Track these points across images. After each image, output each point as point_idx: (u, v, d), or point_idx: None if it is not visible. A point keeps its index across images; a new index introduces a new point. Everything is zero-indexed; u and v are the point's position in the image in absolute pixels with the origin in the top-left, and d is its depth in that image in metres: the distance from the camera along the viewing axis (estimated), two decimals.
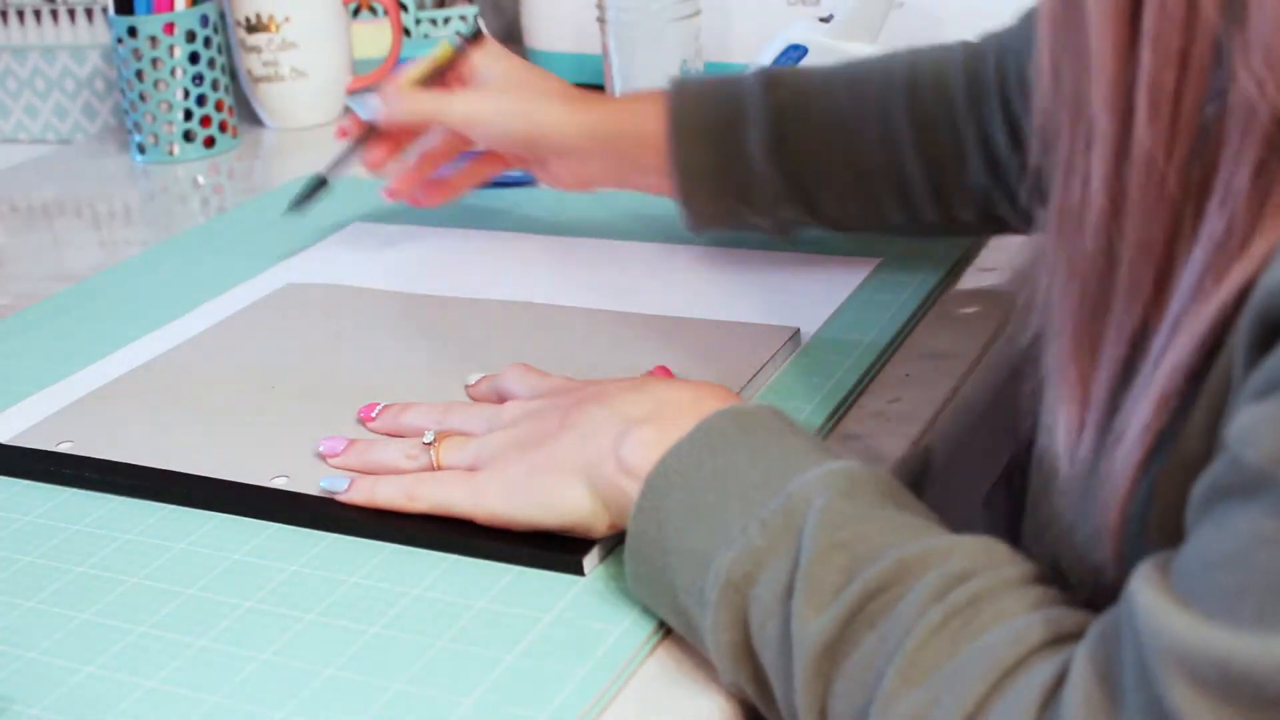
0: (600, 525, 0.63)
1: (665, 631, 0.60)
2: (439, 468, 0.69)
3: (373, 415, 0.76)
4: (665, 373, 0.76)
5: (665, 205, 0.91)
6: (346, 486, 0.69)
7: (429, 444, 0.69)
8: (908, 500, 0.57)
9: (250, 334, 0.90)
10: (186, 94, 1.27)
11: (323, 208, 1.04)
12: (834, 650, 0.51)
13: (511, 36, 1.52)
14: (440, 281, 0.96)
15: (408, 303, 0.92)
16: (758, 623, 0.54)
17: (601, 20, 1.18)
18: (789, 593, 0.53)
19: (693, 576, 0.57)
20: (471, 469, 0.67)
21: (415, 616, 0.61)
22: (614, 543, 0.64)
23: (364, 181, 1.11)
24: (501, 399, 0.74)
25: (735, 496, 0.57)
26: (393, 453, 0.71)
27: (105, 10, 1.29)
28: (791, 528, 0.55)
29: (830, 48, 1.08)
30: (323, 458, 0.72)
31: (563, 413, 0.66)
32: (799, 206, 0.86)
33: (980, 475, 0.86)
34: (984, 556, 0.52)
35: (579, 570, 0.63)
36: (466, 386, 0.78)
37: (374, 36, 1.41)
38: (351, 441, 0.73)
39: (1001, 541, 0.53)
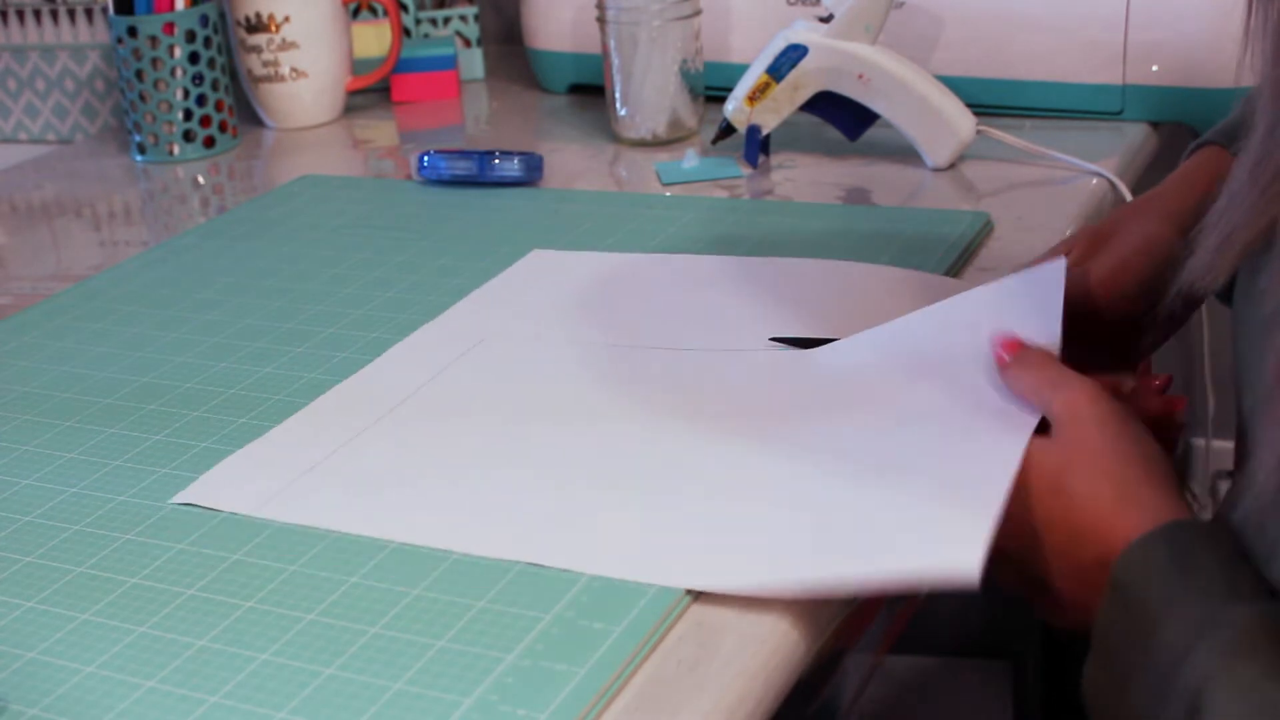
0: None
1: (665, 631, 0.60)
2: None
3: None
4: None
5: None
6: None
7: None
8: None
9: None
10: (186, 94, 1.28)
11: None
12: None
13: (511, 36, 1.52)
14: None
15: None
16: None
17: (601, 20, 1.18)
18: None
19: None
20: None
21: (415, 616, 0.61)
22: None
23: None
24: None
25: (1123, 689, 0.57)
26: None
27: (105, 10, 1.29)
28: None
29: (830, 48, 1.08)
30: None
31: None
32: None
33: None
34: None
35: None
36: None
37: (374, 36, 1.41)
38: None
39: None
